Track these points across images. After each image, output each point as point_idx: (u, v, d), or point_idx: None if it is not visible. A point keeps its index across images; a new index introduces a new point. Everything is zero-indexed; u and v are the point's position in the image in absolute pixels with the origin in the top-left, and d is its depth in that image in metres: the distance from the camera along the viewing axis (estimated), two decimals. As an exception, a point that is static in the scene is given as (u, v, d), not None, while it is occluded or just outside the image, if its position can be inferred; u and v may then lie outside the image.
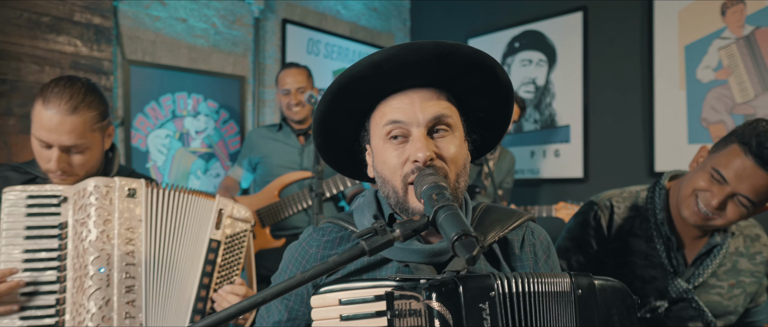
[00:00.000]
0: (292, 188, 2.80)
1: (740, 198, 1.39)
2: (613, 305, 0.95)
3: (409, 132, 1.03)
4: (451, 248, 0.79)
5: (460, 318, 0.87)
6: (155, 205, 1.49)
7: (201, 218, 1.54)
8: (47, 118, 1.45)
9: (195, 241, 1.51)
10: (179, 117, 3.11)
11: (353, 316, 0.95)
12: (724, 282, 1.58)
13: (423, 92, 1.04)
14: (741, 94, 2.77)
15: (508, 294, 0.91)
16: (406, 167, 1.02)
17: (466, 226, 0.80)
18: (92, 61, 2.77)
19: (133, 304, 1.40)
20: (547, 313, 0.92)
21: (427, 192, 0.92)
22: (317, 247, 1.15)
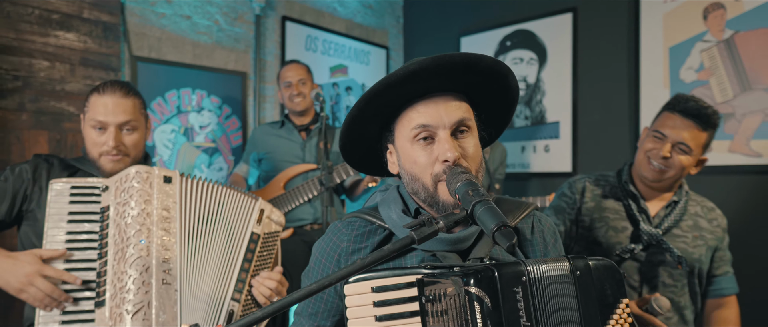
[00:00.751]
0: (296, 181, 2.91)
1: (680, 146, 1.79)
2: (606, 280, 1.09)
3: (435, 134, 1.14)
4: (491, 238, 0.91)
5: (497, 301, 0.97)
6: (188, 192, 1.65)
7: (245, 213, 1.73)
8: (103, 102, 1.68)
9: (236, 231, 1.69)
10: (184, 112, 3.19)
11: (386, 301, 1.03)
12: (688, 234, 1.90)
13: (447, 97, 1.17)
14: (721, 94, 2.94)
15: (535, 279, 1.02)
16: (436, 167, 1.13)
17: (503, 218, 0.92)
18: (101, 57, 2.83)
19: (169, 272, 1.53)
20: (555, 294, 1.03)
21: (463, 188, 1.03)
22: (348, 240, 1.24)
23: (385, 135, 1.27)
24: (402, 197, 1.26)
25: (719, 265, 1.97)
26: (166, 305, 1.50)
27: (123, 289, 1.47)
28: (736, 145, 2.88)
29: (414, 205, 1.23)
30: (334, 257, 1.24)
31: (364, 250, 1.23)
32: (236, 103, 3.44)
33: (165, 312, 1.49)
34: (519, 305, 0.99)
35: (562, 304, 1.04)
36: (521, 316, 0.98)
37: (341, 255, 1.24)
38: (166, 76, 3.11)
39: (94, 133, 1.70)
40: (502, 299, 0.98)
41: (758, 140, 2.81)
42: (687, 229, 1.92)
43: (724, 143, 2.92)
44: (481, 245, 1.22)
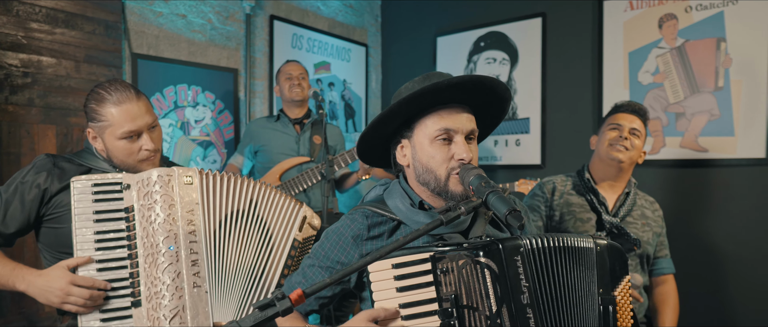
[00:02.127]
0: (291, 173, 3.11)
1: (635, 132, 2.26)
2: (615, 260, 1.38)
3: (453, 137, 1.40)
4: (504, 220, 1.17)
5: (502, 267, 1.22)
6: (210, 190, 1.66)
7: (288, 218, 1.79)
8: (126, 110, 1.65)
9: (277, 235, 1.75)
10: (180, 107, 3.34)
11: (405, 275, 1.23)
12: (638, 221, 2.31)
13: (462, 109, 1.44)
14: (673, 96, 3.29)
15: (532, 249, 1.28)
16: (451, 163, 1.39)
17: (512, 204, 1.18)
18: (104, 54, 2.96)
19: (198, 275, 1.58)
20: (569, 261, 1.29)
21: (476, 181, 1.30)
22: (364, 227, 1.46)
23: (400, 132, 1.50)
24: (405, 191, 1.49)
25: (660, 248, 2.38)
26: (199, 307, 1.54)
27: (158, 295, 1.52)
28: (686, 142, 3.24)
29: (417, 198, 1.48)
30: (351, 238, 1.45)
31: (380, 237, 1.45)
32: (228, 98, 3.60)
33: (198, 314, 1.53)
34: (519, 271, 1.24)
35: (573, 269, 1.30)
36: (521, 279, 1.24)
37: (358, 238, 1.45)
38: (164, 73, 3.24)
39: (124, 144, 1.68)
40: (506, 266, 1.22)
41: (705, 137, 3.18)
42: (637, 218, 2.32)
43: (676, 139, 3.28)
44: (477, 225, 1.48)
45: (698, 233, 3.16)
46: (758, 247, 2.98)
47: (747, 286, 3.02)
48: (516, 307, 1.21)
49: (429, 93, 1.35)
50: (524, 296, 1.22)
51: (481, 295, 1.20)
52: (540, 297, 1.26)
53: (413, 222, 1.43)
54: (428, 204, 1.48)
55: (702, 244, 3.15)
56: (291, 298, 1.01)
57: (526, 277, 1.24)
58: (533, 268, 1.27)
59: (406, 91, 1.46)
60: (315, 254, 1.52)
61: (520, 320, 1.21)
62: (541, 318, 1.24)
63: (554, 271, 1.30)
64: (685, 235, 3.15)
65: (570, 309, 1.30)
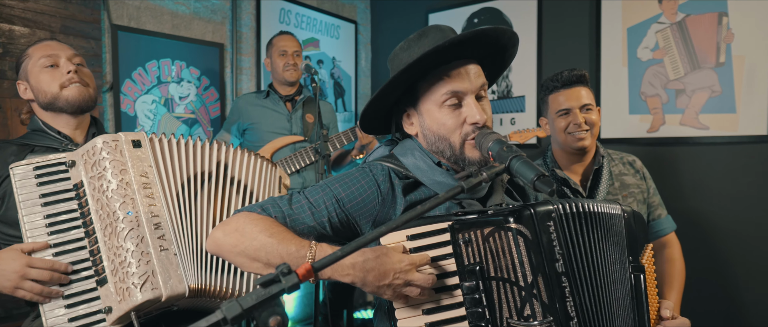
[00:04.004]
0: (284, 152, 2.98)
1: (586, 107, 2.07)
2: (639, 225, 1.31)
3: (462, 99, 1.28)
4: (531, 186, 1.07)
5: (535, 234, 1.11)
6: (162, 152, 1.57)
7: (267, 178, 1.73)
8: (44, 45, 1.78)
9: (257, 193, 1.69)
10: (164, 83, 3.17)
11: (421, 248, 1.13)
12: (619, 195, 2.11)
13: (468, 64, 1.30)
14: (673, 72, 3.22)
15: (563, 215, 1.17)
16: (465, 128, 1.27)
17: (538, 169, 1.07)
18: (81, 25, 2.78)
19: (163, 238, 1.47)
20: (600, 227, 1.21)
21: (496, 146, 1.18)
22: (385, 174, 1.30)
23: (404, 100, 1.38)
24: (423, 150, 1.36)
25: (652, 210, 2.20)
26: (170, 270, 1.43)
27: (123, 264, 1.41)
28: (687, 119, 3.18)
29: (435, 159, 1.35)
30: (376, 185, 1.29)
31: (397, 187, 1.30)
32: (214, 74, 3.44)
33: (170, 276, 1.42)
34: (552, 237, 1.13)
35: (603, 235, 1.21)
36: (555, 246, 1.13)
37: (382, 187, 1.29)
38: (146, 46, 3.07)
39: (46, 73, 1.74)
40: (539, 231, 1.11)
41: (706, 114, 3.12)
42: (617, 192, 2.14)
43: (675, 117, 3.21)
44: (496, 193, 1.39)
45: (699, 213, 3.11)
46: (760, 225, 2.94)
47: (749, 265, 2.98)
48: (551, 276, 1.11)
49: (429, 56, 1.23)
50: (559, 264, 1.12)
51: (513, 264, 1.10)
52: (574, 265, 1.16)
53: (434, 182, 1.31)
54: (447, 165, 1.36)
55: (703, 223, 3.11)
56: (298, 273, 0.89)
57: (559, 244, 1.14)
58: (566, 234, 1.17)
59: (403, 52, 1.35)
60: (327, 181, 1.32)
61: (556, 290, 1.11)
62: (576, 287, 1.15)
63: (586, 238, 1.20)
64: (685, 214, 3.10)
65: (603, 278, 1.21)
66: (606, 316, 1.20)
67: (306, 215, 1.25)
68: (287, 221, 1.24)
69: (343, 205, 1.27)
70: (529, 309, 1.08)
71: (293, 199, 1.28)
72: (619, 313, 1.24)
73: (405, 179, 1.33)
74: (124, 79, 2.97)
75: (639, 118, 3.33)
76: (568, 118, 2.09)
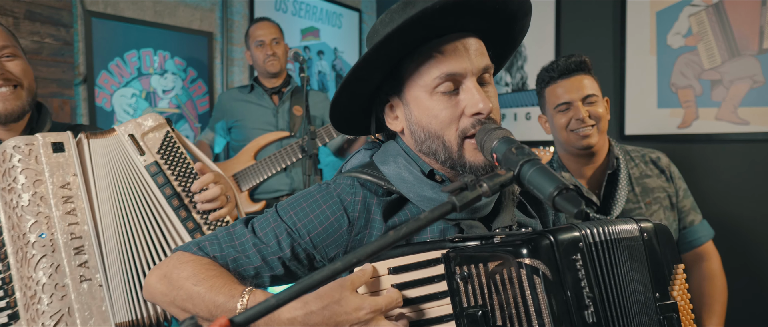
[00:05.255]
0: (269, 149, 2.72)
1: (589, 99, 1.77)
2: (666, 245, 0.99)
3: (460, 82, 0.98)
4: (550, 204, 0.77)
5: (557, 271, 0.83)
6: (91, 155, 1.34)
7: (122, 156, 1.36)
8: None
9: (133, 181, 1.34)
10: (145, 75, 2.93)
11: (407, 284, 0.90)
12: (641, 203, 1.81)
13: (471, 40, 1.00)
14: (709, 60, 2.89)
15: (593, 244, 0.89)
16: (463, 121, 0.98)
17: (560, 179, 0.77)
18: (49, 11, 2.54)
19: (86, 265, 1.25)
20: (624, 258, 0.92)
21: (503, 146, 0.87)
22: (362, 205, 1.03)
23: (386, 86, 1.07)
24: (409, 156, 1.07)
25: (684, 216, 1.89)
26: (92, 306, 1.22)
27: (34, 299, 1.20)
28: (724, 113, 2.84)
29: (427, 167, 1.06)
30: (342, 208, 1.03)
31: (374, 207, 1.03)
32: (202, 65, 3.19)
33: (92, 314, 1.21)
34: (580, 275, 0.85)
35: (629, 269, 0.92)
36: (584, 287, 0.84)
37: (349, 209, 1.03)
38: (125, 35, 2.83)
39: None
40: (562, 269, 0.83)
41: (746, 108, 2.78)
42: (638, 199, 1.84)
43: (710, 111, 2.88)
44: (505, 211, 1.08)
45: (736, 218, 2.79)
46: (808, 234, 2.60)
47: (793, 278, 2.65)
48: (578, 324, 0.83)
49: (414, 24, 0.93)
50: (589, 313, 0.84)
51: (526, 313, 0.83)
52: (607, 312, 0.88)
53: (423, 199, 1.03)
54: (442, 174, 1.07)
55: (741, 231, 2.78)
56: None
57: (589, 285, 0.85)
58: (597, 270, 0.88)
59: (384, 26, 1.03)
60: (279, 206, 1.07)
61: None
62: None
63: (616, 274, 0.91)
64: (721, 221, 2.76)
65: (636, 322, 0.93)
66: None
67: (251, 253, 1.02)
68: (228, 262, 1.02)
69: (298, 238, 1.02)
70: None
71: (236, 232, 1.04)
72: None
73: (386, 196, 1.05)
74: (99, 70, 2.73)
75: (669, 113, 2.99)
76: (569, 113, 1.79)
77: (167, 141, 1.40)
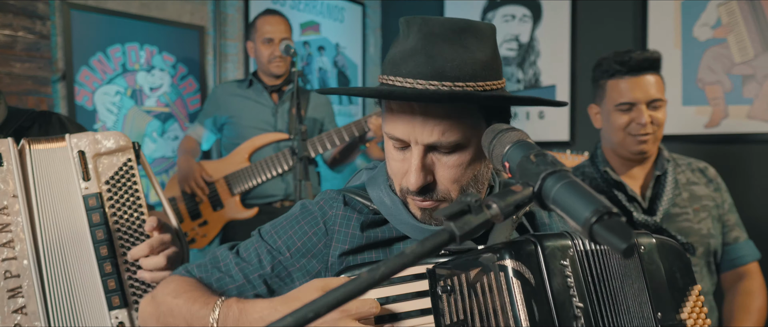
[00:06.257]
0: (266, 151, 2.53)
1: (654, 104, 1.66)
2: (674, 263, 0.95)
3: (406, 147, 0.93)
4: (586, 233, 0.57)
5: (541, 277, 0.79)
6: (35, 167, 1.14)
7: (64, 175, 1.16)
8: None
9: (69, 207, 1.15)
10: (131, 71, 2.74)
11: (387, 299, 0.88)
12: (688, 208, 1.71)
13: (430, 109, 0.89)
14: (740, 54, 2.67)
15: (584, 251, 0.84)
16: (404, 182, 0.94)
17: (598, 199, 0.59)
18: (23, 2, 2.35)
19: (23, 311, 1.09)
20: (617, 270, 0.87)
21: (517, 153, 0.72)
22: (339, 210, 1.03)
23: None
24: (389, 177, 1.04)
25: (728, 231, 1.77)
26: None
27: None
28: (757, 111, 2.62)
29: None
30: (321, 222, 1.03)
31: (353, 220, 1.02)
32: (193, 62, 2.99)
33: None
34: (569, 282, 0.81)
35: (624, 283, 0.87)
36: (573, 295, 0.80)
37: (328, 222, 1.03)
38: (108, 28, 2.64)
39: None
40: (548, 274, 0.80)
41: (782, 105, 2.55)
42: (685, 204, 1.72)
43: (742, 109, 2.66)
44: (499, 230, 1.02)
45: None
46: None
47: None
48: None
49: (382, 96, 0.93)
50: (579, 323, 0.79)
51: (507, 322, 0.78)
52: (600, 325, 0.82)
53: (402, 223, 1.01)
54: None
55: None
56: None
57: (578, 294, 0.80)
58: (589, 280, 0.84)
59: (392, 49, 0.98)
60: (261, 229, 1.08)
61: None
62: None
63: (611, 287, 0.86)
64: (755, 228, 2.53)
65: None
66: None
67: (234, 272, 1.03)
68: (212, 282, 1.03)
69: (278, 255, 1.02)
70: None
71: (221, 255, 1.06)
72: None
73: (370, 214, 1.04)
74: (79, 66, 2.55)
75: (695, 111, 2.77)
76: (630, 114, 1.67)
77: (124, 171, 1.20)
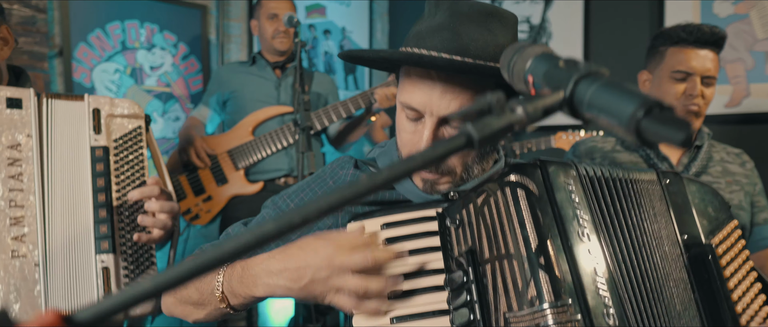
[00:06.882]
0: (270, 125, 2.47)
1: (707, 80, 1.68)
2: (706, 197, 0.97)
3: (422, 115, 0.95)
4: (632, 131, 0.49)
5: (544, 189, 0.83)
6: (46, 117, 1.26)
7: (76, 126, 1.28)
8: None
9: (76, 155, 1.27)
10: (130, 49, 2.68)
11: (399, 238, 0.90)
12: (720, 179, 1.76)
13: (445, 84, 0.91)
14: (763, 30, 2.58)
15: (588, 176, 0.89)
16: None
17: (642, 94, 0.51)
18: (20, -25, 2.29)
19: (22, 239, 1.17)
20: (628, 194, 0.93)
21: (541, 65, 0.64)
22: (352, 176, 1.08)
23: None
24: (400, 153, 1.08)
25: (758, 212, 1.80)
26: (21, 288, 1.14)
27: None
28: (781, 89, 2.51)
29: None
30: (330, 181, 1.08)
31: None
32: (195, 41, 2.93)
33: (19, 297, 1.13)
34: (572, 197, 0.85)
35: (638, 206, 0.94)
36: (577, 208, 0.84)
37: (338, 180, 1.08)
38: (107, 4, 2.59)
39: None
40: (552, 188, 0.84)
41: (808, 82, 2.44)
42: (717, 175, 1.76)
43: (765, 87, 2.57)
44: None
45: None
46: None
47: None
48: (569, 243, 0.81)
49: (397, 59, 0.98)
50: (582, 232, 0.83)
51: (512, 231, 0.82)
52: (609, 236, 0.87)
53: (407, 191, 1.04)
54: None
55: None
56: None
57: (582, 207, 0.85)
58: (593, 198, 0.89)
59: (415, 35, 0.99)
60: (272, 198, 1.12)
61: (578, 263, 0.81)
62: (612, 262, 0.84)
63: (623, 209, 0.91)
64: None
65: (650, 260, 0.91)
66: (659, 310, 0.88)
67: None
68: None
69: None
70: (533, 288, 0.79)
71: (233, 230, 1.09)
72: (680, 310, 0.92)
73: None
74: (77, 42, 2.49)
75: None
76: (685, 85, 1.69)
77: (133, 135, 1.33)
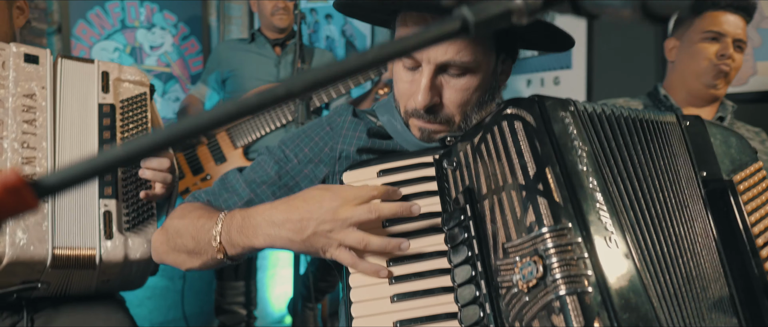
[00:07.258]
0: (268, 106, 2.44)
1: (738, 44, 1.71)
2: (730, 140, 0.97)
3: (419, 64, 0.94)
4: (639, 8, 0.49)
5: (542, 121, 0.82)
6: (69, 77, 1.35)
7: (85, 85, 1.37)
8: None
9: (85, 109, 1.35)
10: (130, 28, 2.66)
11: (395, 184, 0.89)
12: None
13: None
14: (771, 5, 2.53)
15: (587, 112, 0.88)
16: (409, 103, 0.97)
17: None
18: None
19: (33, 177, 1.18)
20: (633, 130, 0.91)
21: None
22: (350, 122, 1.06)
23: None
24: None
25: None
26: (29, 224, 1.19)
27: None
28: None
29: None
30: (327, 127, 1.06)
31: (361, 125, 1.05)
32: (195, 22, 2.91)
33: (27, 232, 1.18)
34: (570, 129, 0.84)
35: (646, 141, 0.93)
36: (574, 139, 0.83)
37: (335, 126, 1.06)
38: (106, -18, 2.56)
39: None
40: (551, 120, 0.84)
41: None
42: None
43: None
44: None
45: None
46: None
47: None
48: (568, 172, 0.79)
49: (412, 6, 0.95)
50: (581, 161, 0.81)
51: (510, 162, 0.82)
52: (610, 169, 0.85)
53: (404, 140, 1.05)
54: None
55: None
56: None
57: (581, 140, 0.84)
58: (592, 131, 0.88)
59: None
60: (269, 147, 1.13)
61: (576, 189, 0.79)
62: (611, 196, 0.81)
63: (620, 140, 0.90)
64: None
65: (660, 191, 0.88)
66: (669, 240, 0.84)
67: (240, 188, 1.06)
68: (220, 203, 1.06)
69: (285, 163, 1.04)
70: (532, 214, 0.76)
71: (228, 177, 1.09)
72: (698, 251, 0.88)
73: (376, 128, 1.07)
74: (76, 19, 2.47)
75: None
76: (717, 46, 1.71)
77: (138, 100, 1.41)
